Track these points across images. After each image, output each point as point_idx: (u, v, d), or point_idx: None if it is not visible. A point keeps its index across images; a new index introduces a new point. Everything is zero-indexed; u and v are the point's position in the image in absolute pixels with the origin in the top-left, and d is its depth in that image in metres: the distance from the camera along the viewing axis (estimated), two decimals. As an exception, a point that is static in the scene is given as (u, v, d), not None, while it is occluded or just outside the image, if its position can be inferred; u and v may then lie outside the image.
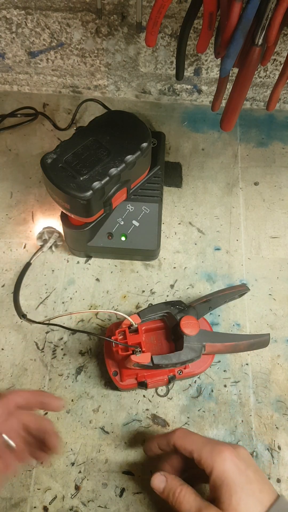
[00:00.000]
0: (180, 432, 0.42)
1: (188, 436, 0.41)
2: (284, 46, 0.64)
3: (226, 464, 0.38)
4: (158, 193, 0.58)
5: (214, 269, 0.60)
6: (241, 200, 0.66)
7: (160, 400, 0.52)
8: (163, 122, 0.73)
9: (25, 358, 0.54)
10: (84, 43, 0.66)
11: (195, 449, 0.39)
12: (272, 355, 0.54)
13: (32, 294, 0.57)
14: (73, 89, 0.74)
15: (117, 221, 0.57)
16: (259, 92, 0.73)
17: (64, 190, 0.48)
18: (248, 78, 0.44)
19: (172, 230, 0.63)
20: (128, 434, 0.50)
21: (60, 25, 0.64)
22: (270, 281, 0.59)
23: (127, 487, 0.47)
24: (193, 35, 0.63)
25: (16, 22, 0.64)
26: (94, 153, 0.50)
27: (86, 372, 0.53)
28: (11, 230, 0.62)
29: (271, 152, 0.70)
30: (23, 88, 0.75)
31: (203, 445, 0.39)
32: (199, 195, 0.66)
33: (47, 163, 0.49)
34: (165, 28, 0.63)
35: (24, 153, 0.69)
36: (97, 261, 0.60)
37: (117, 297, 0.58)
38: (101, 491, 0.47)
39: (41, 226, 0.60)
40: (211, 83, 0.71)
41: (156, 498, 0.46)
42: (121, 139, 0.52)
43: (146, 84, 0.72)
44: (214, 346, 0.48)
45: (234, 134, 0.72)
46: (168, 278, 0.59)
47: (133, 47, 0.66)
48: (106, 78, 0.72)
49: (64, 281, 0.59)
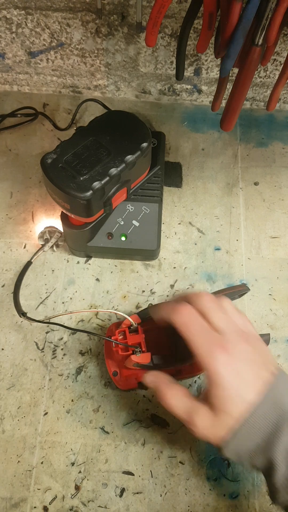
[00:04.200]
0: (182, 313, 0.39)
1: (189, 321, 0.38)
2: (284, 46, 0.64)
3: (218, 365, 0.36)
4: (158, 193, 0.58)
5: (214, 269, 0.60)
6: (241, 200, 0.66)
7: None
8: (163, 122, 0.73)
9: (25, 358, 0.54)
10: (84, 43, 0.66)
11: (192, 341, 0.37)
12: (272, 355, 0.54)
13: (32, 294, 0.57)
14: (73, 89, 0.74)
15: (117, 221, 0.57)
16: (259, 92, 0.73)
17: (64, 190, 0.48)
18: (248, 78, 0.44)
19: (172, 230, 0.63)
20: (128, 434, 0.50)
21: (60, 25, 0.64)
22: (270, 281, 0.59)
23: (127, 487, 0.47)
24: (193, 35, 0.63)
25: (16, 22, 0.64)
26: (94, 153, 0.50)
27: (86, 372, 0.53)
28: (11, 230, 0.62)
29: (271, 152, 0.70)
30: (23, 88, 0.75)
31: (201, 339, 0.37)
32: (199, 195, 0.66)
33: (47, 163, 0.49)
34: (165, 28, 0.63)
35: (24, 153, 0.69)
36: (97, 261, 0.60)
37: (117, 297, 0.58)
38: (101, 491, 0.47)
39: (42, 225, 0.60)
40: (211, 83, 0.71)
41: (156, 498, 0.46)
42: (121, 139, 0.52)
43: (146, 84, 0.72)
44: (214, 346, 0.48)
45: (234, 134, 0.72)
46: (168, 278, 0.59)
47: (133, 47, 0.66)
48: (106, 78, 0.72)
49: (64, 281, 0.59)
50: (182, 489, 0.47)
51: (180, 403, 0.38)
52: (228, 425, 0.36)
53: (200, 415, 0.37)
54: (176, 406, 0.38)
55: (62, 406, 0.51)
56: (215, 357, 0.36)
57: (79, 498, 0.47)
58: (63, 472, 0.48)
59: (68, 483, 0.47)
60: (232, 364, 0.36)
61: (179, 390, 0.39)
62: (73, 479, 0.47)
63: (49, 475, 0.48)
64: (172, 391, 0.39)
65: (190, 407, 0.37)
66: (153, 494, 0.47)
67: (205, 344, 0.37)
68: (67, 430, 0.50)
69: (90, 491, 0.47)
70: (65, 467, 0.48)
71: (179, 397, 0.38)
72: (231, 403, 0.36)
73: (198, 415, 0.37)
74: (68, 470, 0.48)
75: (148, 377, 0.41)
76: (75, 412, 0.51)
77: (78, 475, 0.48)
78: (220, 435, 0.36)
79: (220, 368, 0.36)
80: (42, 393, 0.51)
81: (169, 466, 0.48)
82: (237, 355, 0.37)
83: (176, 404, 0.38)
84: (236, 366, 0.36)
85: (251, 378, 0.37)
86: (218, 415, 0.36)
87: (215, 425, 0.36)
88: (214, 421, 0.36)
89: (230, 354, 0.37)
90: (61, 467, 0.48)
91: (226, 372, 0.36)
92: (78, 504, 0.46)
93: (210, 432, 0.37)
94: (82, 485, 0.47)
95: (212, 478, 0.48)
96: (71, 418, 0.50)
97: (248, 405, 0.36)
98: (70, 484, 0.47)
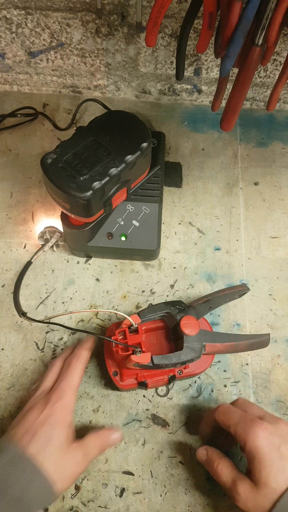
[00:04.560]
0: (222, 408, 0.44)
1: (227, 412, 0.44)
2: (284, 46, 0.64)
3: (257, 440, 0.39)
4: (158, 193, 0.58)
5: (214, 269, 0.60)
6: (241, 200, 0.66)
7: (160, 400, 0.52)
8: (163, 122, 0.73)
9: (25, 358, 0.54)
10: (84, 43, 0.66)
11: (232, 424, 0.42)
12: (272, 355, 0.54)
13: (32, 294, 0.57)
14: (73, 89, 0.74)
15: (117, 221, 0.57)
16: (259, 92, 0.73)
17: (64, 190, 0.48)
18: (248, 78, 0.44)
19: (172, 230, 0.63)
20: (128, 434, 0.50)
21: (60, 25, 0.64)
22: (270, 281, 0.59)
23: (127, 487, 0.47)
24: (193, 35, 0.63)
25: (16, 22, 0.64)
26: (94, 153, 0.50)
27: (86, 372, 0.53)
28: (11, 230, 0.62)
29: (271, 152, 0.70)
30: (23, 88, 0.75)
31: (239, 420, 0.42)
32: (199, 195, 0.66)
33: (47, 163, 0.49)
34: (165, 28, 0.63)
35: (24, 153, 0.69)
36: (97, 261, 0.60)
37: (117, 297, 0.58)
38: (101, 491, 0.47)
39: (42, 225, 0.60)
40: (211, 83, 0.71)
41: (156, 498, 0.46)
42: (121, 139, 0.52)
43: (146, 84, 0.72)
44: (214, 346, 0.48)
45: (234, 134, 0.72)
46: (168, 278, 0.59)
47: (133, 47, 0.66)
48: (106, 78, 0.72)
49: (64, 281, 0.59)
50: (182, 489, 0.47)
51: (228, 472, 0.42)
52: (270, 499, 0.38)
53: (244, 485, 0.40)
54: (225, 475, 0.42)
55: (62, 406, 0.51)
56: (256, 433, 0.40)
57: (79, 498, 0.47)
58: (63, 472, 0.48)
59: (68, 483, 0.47)
60: (272, 440, 0.39)
61: (228, 461, 0.43)
62: (73, 479, 0.47)
63: (49, 475, 0.48)
64: (222, 462, 0.43)
65: (236, 477, 0.41)
66: (153, 494, 0.47)
67: (245, 423, 0.41)
68: (67, 430, 0.50)
69: (90, 491, 0.47)
70: (65, 467, 0.48)
71: (228, 468, 0.42)
72: (273, 479, 0.38)
73: (242, 485, 0.40)
74: (68, 470, 0.48)
75: (201, 451, 0.45)
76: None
77: (78, 475, 0.48)
78: (262, 507, 0.38)
79: (261, 444, 0.39)
80: (42, 393, 0.51)
81: (169, 466, 0.48)
82: (275, 432, 0.40)
83: (225, 473, 0.42)
84: (275, 442, 0.39)
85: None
86: (260, 488, 0.39)
87: (257, 498, 0.39)
88: (257, 494, 0.39)
89: (269, 431, 0.40)
90: (61, 467, 0.48)
91: (267, 448, 0.39)
92: (78, 504, 0.46)
93: (252, 504, 0.39)
94: (82, 485, 0.47)
95: (212, 478, 0.48)
96: (71, 418, 0.50)
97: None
98: (70, 484, 0.47)
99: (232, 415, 0.43)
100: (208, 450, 0.45)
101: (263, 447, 0.39)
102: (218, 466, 0.42)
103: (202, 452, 0.45)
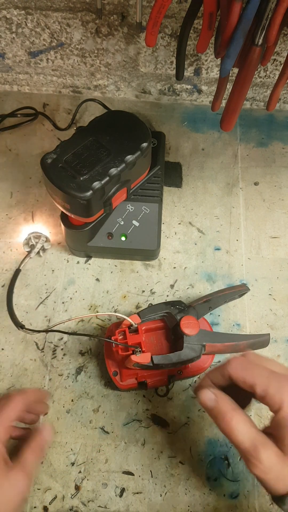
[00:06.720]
0: (238, 362, 0.35)
1: (249, 367, 0.35)
2: (284, 46, 0.64)
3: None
4: (158, 193, 0.58)
5: (214, 269, 0.60)
6: (241, 200, 0.66)
7: (160, 400, 0.52)
8: (163, 122, 0.73)
9: (25, 358, 0.54)
10: (84, 43, 0.66)
11: (260, 383, 0.33)
12: (272, 355, 0.54)
13: (32, 294, 0.57)
14: (73, 89, 0.74)
15: (117, 221, 0.57)
16: (259, 92, 0.73)
17: (64, 190, 0.48)
18: (248, 78, 0.44)
19: (172, 230, 0.63)
20: (128, 434, 0.50)
21: (60, 25, 0.64)
22: (270, 281, 0.59)
23: (127, 487, 0.47)
24: (193, 35, 0.63)
25: (16, 22, 0.64)
26: (94, 153, 0.50)
27: (86, 372, 0.53)
28: (11, 230, 0.62)
29: (271, 152, 0.70)
30: (23, 88, 0.75)
31: (270, 378, 0.33)
32: (199, 195, 0.66)
33: (47, 163, 0.49)
34: (165, 28, 0.63)
35: (24, 153, 0.69)
36: (97, 261, 0.60)
37: (117, 297, 0.58)
38: (101, 491, 0.47)
39: (26, 232, 0.60)
40: (211, 83, 0.71)
41: (156, 498, 0.46)
42: (121, 139, 0.52)
43: (146, 84, 0.72)
44: (214, 346, 0.48)
45: (234, 134, 0.72)
46: (168, 278, 0.59)
47: (133, 47, 0.66)
48: (106, 78, 0.72)
49: (64, 281, 0.59)
50: (182, 489, 0.47)
51: (246, 430, 0.33)
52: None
53: (268, 450, 0.32)
54: (242, 434, 0.32)
55: (62, 406, 0.51)
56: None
57: (79, 498, 0.47)
58: (63, 472, 0.48)
59: (68, 483, 0.47)
60: None
61: (245, 416, 0.34)
62: (73, 479, 0.47)
63: (49, 475, 0.48)
64: (238, 415, 0.33)
65: (257, 439, 0.32)
66: (153, 494, 0.47)
67: (279, 382, 0.33)
68: (67, 430, 0.50)
69: (90, 491, 0.47)
70: (65, 467, 0.48)
71: (246, 424, 0.33)
72: None
73: (265, 449, 0.32)
74: (68, 470, 0.48)
75: (206, 395, 0.35)
76: (75, 412, 0.51)
77: (78, 475, 0.48)
78: (285, 483, 0.31)
79: None
80: (42, 393, 0.51)
81: (169, 466, 0.48)
82: None
83: (243, 431, 0.33)
84: None
85: None
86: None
87: (282, 470, 0.31)
88: (284, 465, 0.31)
89: None
90: (61, 467, 0.48)
91: None
92: (78, 504, 0.46)
93: (276, 475, 0.31)
94: (82, 485, 0.47)
95: (212, 478, 0.48)
96: (71, 418, 0.50)
97: None
98: (70, 484, 0.47)
99: (258, 372, 0.34)
100: (218, 395, 0.35)
101: None
102: (233, 420, 0.33)
103: (208, 396, 0.35)
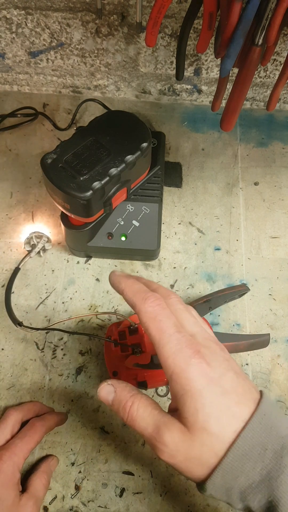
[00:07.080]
0: (154, 306, 0.31)
1: (161, 319, 0.31)
2: (284, 46, 0.64)
3: (191, 370, 0.28)
4: (158, 193, 0.58)
5: (214, 269, 0.60)
6: (241, 200, 0.66)
7: (160, 400, 0.52)
8: (163, 122, 0.73)
9: (25, 358, 0.54)
10: (84, 43, 0.66)
11: (157, 342, 0.30)
12: (272, 355, 0.54)
13: (32, 294, 0.57)
14: (73, 89, 0.74)
15: (117, 221, 0.57)
16: (259, 92, 0.73)
17: (64, 190, 0.48)
18: (248, 78, 0.44)
19: (172, 230, 0.63)
20: (128, 434, 0.50)
21: (60, 25, 0.64)
22: (270, 281, 0.59)
23: (127, 487, 0.47)
24: (193, 35, 0.63)
25: (16, 22, 0.64)
26: (94, 153, 0.50)
27: (86, 372, 0.53)
28: (11, 230, 0.62)
29: (271, 152, 0.70)
30: (23, 88, 0.75)
31: (170, 338, 0.30)
32: (199, 195, 0.66)
33: (47, 163, 0.49)
34: (165, 28, 0.63)
35: (24, 153, 0.69)
36: (97, 261, 0.60)
37: (117, 297, 0.58)
38: (101, 491, 0.47)
39: (26, 232, 0.60)
40: (211, 83, 0.71)
41: (156, 498, 0.46)
42: (121, 139, 0.52)
43: (146, 84, 0.72)
44: (214, 346, 0.48)
45: (234, 134, 0.72)
46: (168, 278, 0.59)
47: (133, 47, 0.66)
48: (106, 78, 0.72)
49: (64, 281, 0.59)
50: (182, 489, 0.47)
51: (147, 414, 0.30)
52: (212, 450, 0.27)
53: (172, 431, 0.28)
54: (143, 419, 0.30)
55: (62, 406, 0.51)
56: (192, 364, 0.29)
57: (79, 498, 0.47)
58: (63, 472, 0.48)
59: (68, 483, 0.47)
60: (214, 375, 0.29)
61: (146, 400, 0.31)
62: (73, 479, 0.47)
63: (49, 475, 0.48)
64: (137, 401, 0.30)
65: (159, 420, 0.29)
66: (153, 494, 0.47)
67: (179, 346, 0.29)
68: (67, 430, 0.50)
69: (90, 491, 0.47)
70: (65, 467, 0.48)
71: (146, 409, 0.30)
72: (216, 421, 0.27)
73: (169, 430, 0.28)
74: (68, 470, 0.48)
75: (105, 387, 0.32)
76: (75, 412, 0.51)
77: (78, 475, 0.48)
78: (198, 460, 0.28)
79: (199, 377, 0.28)
80: (42, 393, 0.51)
81: (169, 466, 0.48)
82: (218, 365, 0.30)
83: (143, 416, 0.30)
84: (218, 378, 0.29)
85: (240, 393, 0.29)
86: (196, 434, 0.27)
87: (191, 447, 0.28)
88: (191, 442, 0.28)
89: (209, 362, 0.29)
90: (61, 467, 0.48)
91: (206, 383, 0.28)
92: (78, 504, 0.46)
93: (184, 456, 0.28)
94: (82, 485, 0.47)
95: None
96: (71, 418, 0.50)
97: (239, 425, 0.28)
98: (70, 484, 0.47)
99: (166, 326, 0.30)
100: (116, 385, 0.32)
101: (200, 381, 0.28)
102: (132, 407, 0.30)
103: (106, 389, 0.32)
